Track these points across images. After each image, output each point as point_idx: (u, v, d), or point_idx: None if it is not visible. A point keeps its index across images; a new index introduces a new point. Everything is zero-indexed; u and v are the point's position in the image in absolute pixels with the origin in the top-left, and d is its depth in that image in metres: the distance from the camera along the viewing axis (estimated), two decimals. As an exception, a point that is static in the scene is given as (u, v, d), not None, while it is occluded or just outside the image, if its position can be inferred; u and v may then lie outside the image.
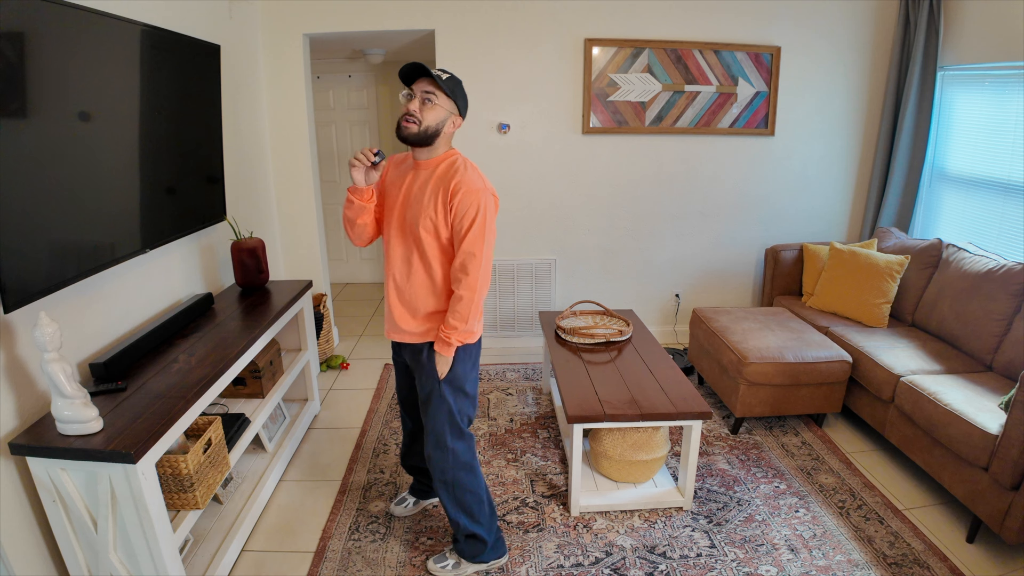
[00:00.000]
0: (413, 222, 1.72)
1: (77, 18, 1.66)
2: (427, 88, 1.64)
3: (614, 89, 3.52)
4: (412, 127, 1.66)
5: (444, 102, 1.67)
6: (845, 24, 3.53)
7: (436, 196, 1.69)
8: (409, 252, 1.76)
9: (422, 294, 1.80)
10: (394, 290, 1.82)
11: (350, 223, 1.81)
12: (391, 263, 1.81)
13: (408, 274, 1.79)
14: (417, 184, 1.73)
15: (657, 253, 3.89)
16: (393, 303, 1.84)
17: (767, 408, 2.78)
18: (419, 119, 1.65)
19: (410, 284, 1.79)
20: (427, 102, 1.65)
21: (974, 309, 2.68)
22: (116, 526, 1.58)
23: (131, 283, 2.14)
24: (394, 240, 1.79)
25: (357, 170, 1.68)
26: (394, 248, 1.79)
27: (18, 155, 1.47)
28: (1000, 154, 3.03)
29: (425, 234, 1.71)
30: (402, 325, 1.84)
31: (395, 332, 1.87)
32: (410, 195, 1.74)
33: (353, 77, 5.02)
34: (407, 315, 1.83)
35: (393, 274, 1.81)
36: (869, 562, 2.04)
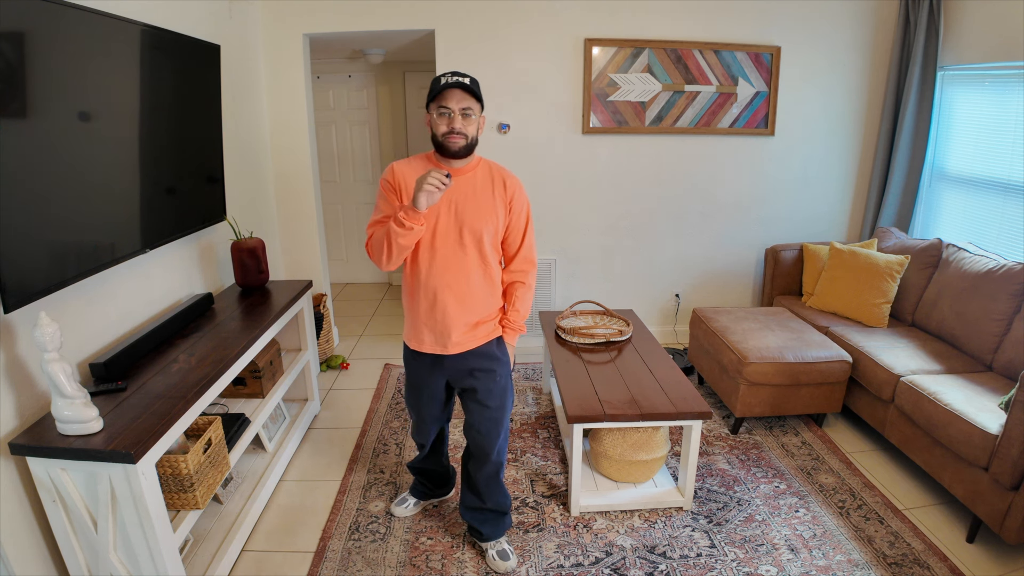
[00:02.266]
0: (475, 228, 1.72)
1: (77, 18, 1.66)
2: (466, 104, 1.66)
3: (614, 89, 3.52)
4: (461, 141, 1.68)
5: (478, 110, 1.70)
6: (845, 24, 3.53)
7: (494, 197, 1.75)
8: (468, 259, 1.75)
9: (484, 297, 1.81)
10: (454, 303, 1.77)
11: (401, 251, 1.68)
12: (441, 275, 1.75)
13: (469, 282, 1.77)
14: (463, 191, 1.73)
15: (657, 253, 3.89)
16: (454, 316, 1.78)
17: (767, 408, 2.78)
18: (465, 133, 1.68)
19: (472, 291, 1.78)
20: (467, 116, 1.67)
21: (974, 309, 2.68)
22: (116, 526, 1.58)
23: (131, 283, 2.14)
24: (445, 251, 1.73)
25: (433, 195, 1.58)
26: (445, 259, 1.74)
27: (18, 155, 1.47)
28: (1000, 154, 3.03)
29: (488, 237, 1.75)
30: (466, 335, 1.82)
31: (455, 345, 1.82)
32: (461, 202, 1.72)
33: (353, 77, 5.02)
34: (472, 322, 1.81)
35: (448, 286, 1.76)
36: (869, 562, 2.04)
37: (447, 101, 1.65)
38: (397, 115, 5.10)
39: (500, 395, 1.92)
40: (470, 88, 1.65)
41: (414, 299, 1.81)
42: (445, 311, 1.78)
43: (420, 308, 1.80)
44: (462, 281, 1.76)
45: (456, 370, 1.88)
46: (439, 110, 1.67)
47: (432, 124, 1.71)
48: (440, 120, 1.68)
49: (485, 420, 1.93)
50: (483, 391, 1.89)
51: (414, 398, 2.02)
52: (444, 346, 1.82)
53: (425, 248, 1.74)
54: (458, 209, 1.72)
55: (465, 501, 2.11)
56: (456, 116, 1.66)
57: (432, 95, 1.68)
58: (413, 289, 1.81)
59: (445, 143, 1.68)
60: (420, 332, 1.84)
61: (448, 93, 1.65)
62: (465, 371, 1.88)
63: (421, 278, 1.77)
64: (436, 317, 1.79)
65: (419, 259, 1.75)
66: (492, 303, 1.85)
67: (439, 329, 1.81)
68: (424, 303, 1.79)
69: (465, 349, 1.83)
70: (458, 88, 1.64)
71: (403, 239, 1.64)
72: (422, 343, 1.85)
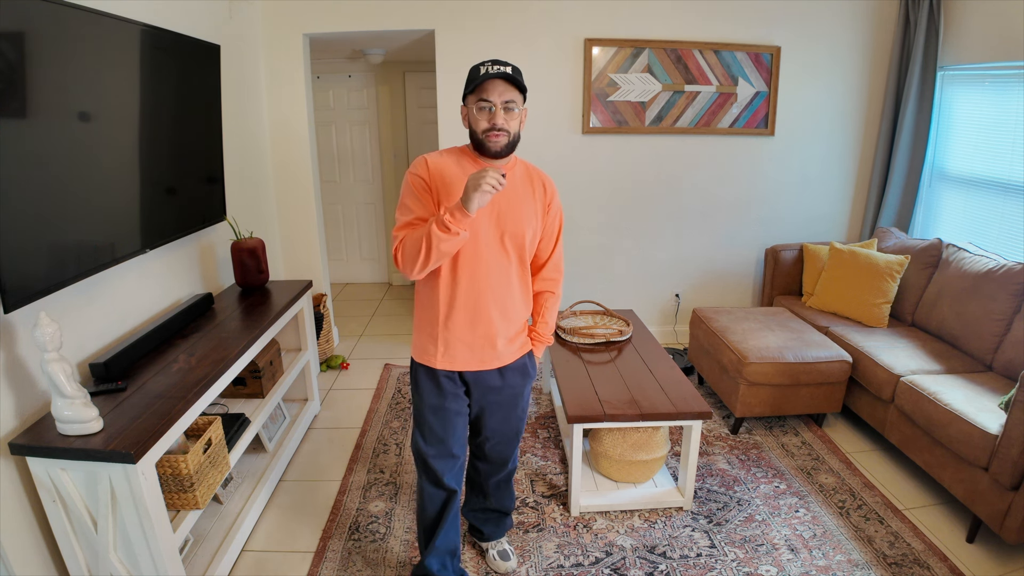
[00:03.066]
0: (517, 232, 1.57)
1: (77, 18, 1.66)
2: (509, 97, 1.48)
3: (614, 89, 3.52)
4: (503, 139, 1.51)
5: (521, 102, 1.52)
6: (845, 24, 3.53)
7: (534, 200, 1.61)
8: (509, 264, 1.60)
9: (522, 307, 1.69)
10: (499, 314, 1.61)
11: (441, 258, 1.46)
12: (485, 284, 1.58)
13: (511, 290, 1.63)
14: (504, 192, 1.56)
15: (657, 253, 3.89)
16: (498, 328, 1.62)
17: (767, 408, 2.78)
18: (508, 130, 1.50)
19: (514, 300, 1.64)
20: (511, 110, 1.49)
21: (974, 309, 2.68)
22: (116, 526, 1.58)
23: (131, 283, 2.14)
24: (489, 257, 1.56)
25: (486, 197, 1.37)
26: (488, 267, 1.57)
27: (18, 155, 1.47)
28: (1000, 154, 3.03)
29: (529, 241, 1.61)
30: (507, 348, 1.67)
31: (495, 359, 1.67)
32: (502, 204, 1.56)
33: (353, 77, 5.02)
34: (512, 335, 1.68)
35: (493, 296, 1.59)
36: (869, 562, 2.04)
37: (488, 93, 1.46)
38: (397, 115, 5.10)
39: (525, 406, 1.85)
40: (514, 78, 1.46)
41: (449, 312, 1.60)
42: (489, 323, 1.61)
43: (456, 322, 1.60)
44: (504, 290, 1.61)
45: (487, 387, 1.71)
46: (479, 103, 1.48)
47: (470, 119, 1.53)
48: (480, 115, 1.49)
49: (508, 432, 1.84)
50: (510, 406, 1.78)
51: (440, 424, 1.72)
52: (483, 361, 1.65)
53: (468, 255, 1.54)
54: (500, 212, 1.55)
55: (469, 502, 2.07)
56: (499, 110, 1.47)
57: (471, 86, 1.49)
58: (449, 301, 1.59)
59: (486, 142, 1.50)
60: (452, 348, 1.62)
61: (489, 84, 1.46)
62: (497, 387, 1.72)
63: (461, 288, 1.57)
64: (478, 331, 1.61)
65: (459, 267, 1.55)
66: (527, 313, 1.74)
67: (480, 343, 1.63)
68: (463, 316, 1.59)
69: (504, 363, 1.69)
70: (501, 78, 1.45)
71: (447, 244, 1.41)
72: (454, 360, 1.64)
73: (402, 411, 3.10)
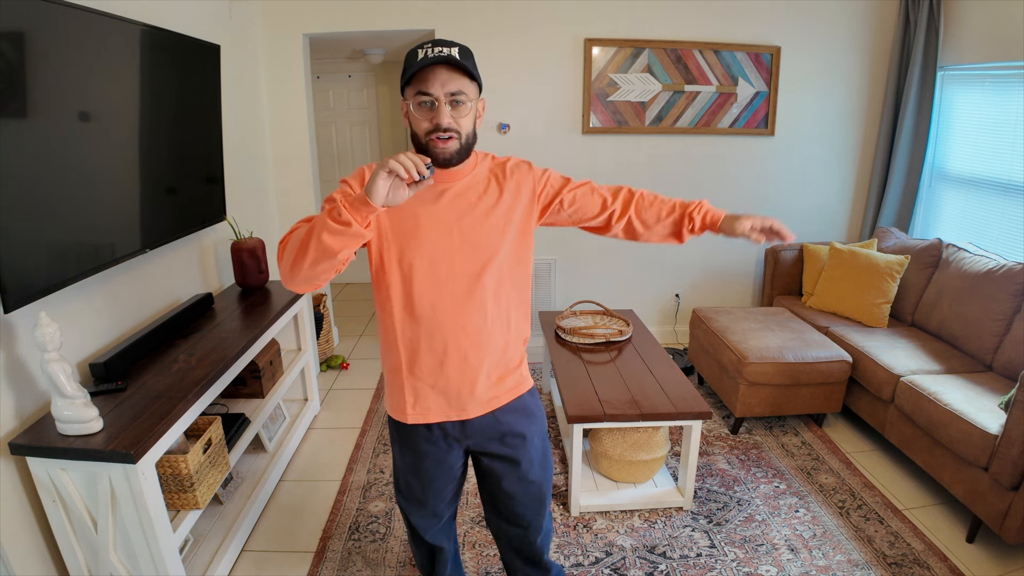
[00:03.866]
0: (488, 247, 1.27)
1: (77, 18, 1.66)
2: (455, 88, 1.16)
3: (614, 89, 3.52)
4: (452, 143, 1.19)
5: (474, 93, 1.20)
6: (845, 24, 3.53)
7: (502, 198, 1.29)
8: (483, 291, 1.28)
9: (503, 333, 1.34)
10: (473, 350, 1.30)
11: (321, 255, 1.10)
12: (452, 317, 1.28)
13: (487, 320, 1.30)
14: (463, 202, 1.27)
15: (657, 253, 3.89)
16: (475, 367, 1.31)
17: (767, 408, 2.78)
18: (458, 130, 1.18)
19: (490, 328, 1.31)
20: (458, 104, 1.17)
21: (974, 309, 2.68)
22: (116, 526, 1.58)
23: (131, 283, 2.14)
24: (454, 285, 1.27)
25: (386, 181, 1.04)
26: (452, 293, 1.27)
27: (18, 155, 1.47)
28: (1000, 154, 3.03)
29: (513, 245, 1.31)
30: (493, 388, 1.35)
31: (479, 404, 1.35)
32: (463, 217, 1.26)
33: (353, 77, 5.02)
34: (498, 371, 1.35)
35: (463, 330, 1.28)
36: (869, 562, 2.04)
37: (428, 84, 1.15)
38: (397, 115, 5.10)
39: (542, 461, 1.47)
40: (460, 63, 1.14)
41: (412, 354, 1.31)
42: (463, 363, 1.30)
43: (422, 366, 1.31)
44: (478, 320, 1.29)
45: (482, 436, 1.39)
46: (417, 98, 1.17)
47: (410, 119, 1.20)
48: (420, 113, 1.18)
49: (529, 499, 1.47)
50: (524, 460, 1.43)
51: (419, 485, 1.45)
52: (463, 408, 1.34)
53: (425, 283, 1.26)
54: (461, 227, 1.26)
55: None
56: (442, 106, 1.15)
57: (406, 75, 1.17)
58: (410, 341, 1.30)
59: (430, 147, 1.19)
60: (423, 398, 1.34)
61: (429, 73, 1.14)
62: (495, 437, 1.40)
63: (423, 324, 1.28)
64: (449, 374, 1.31)
65: (415, 297, 1.27)
66: (515, 345, 1.39)
67: (454, 389, 1.32)
68: (429, 359, 1.30)
69: (493, 407, 1.37)
70: (443, 64, 1.14)
71: (331, 238, 1.07)
72: (427, 412, 1.34)
73: (402, 411, 3.10)
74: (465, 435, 1.39)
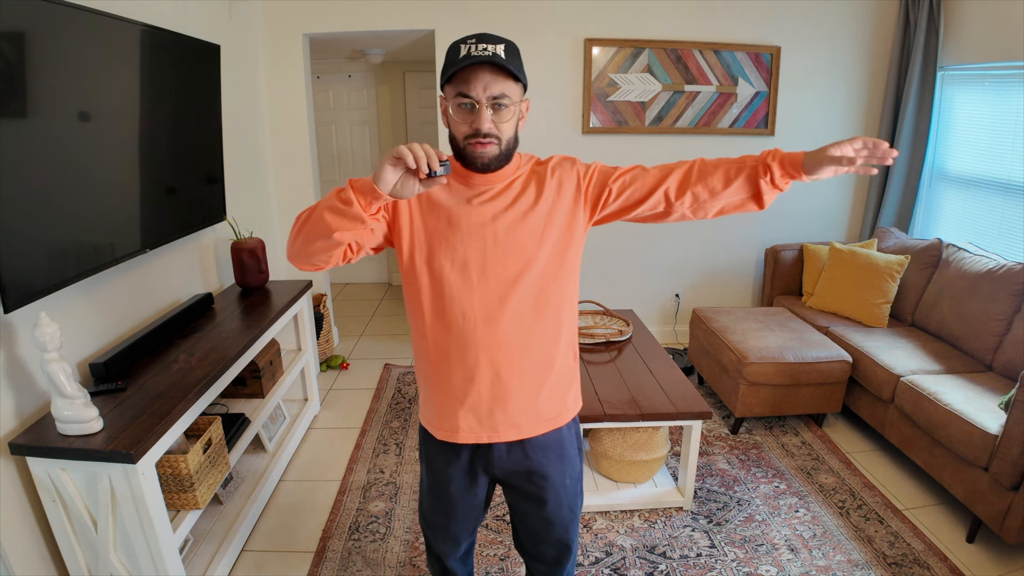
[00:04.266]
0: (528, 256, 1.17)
1: (77, 18, 1.66)
2: (498, 92, 1.07)
3: (614, 89, 3.52)
4: (491, 148, 1.11)
5: (517, 95, 1.12)
6: (845, 24, 3.53)
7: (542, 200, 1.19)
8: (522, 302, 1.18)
9: (544, 350, 1.23)
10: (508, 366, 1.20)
11: (320, 230, 1.04)
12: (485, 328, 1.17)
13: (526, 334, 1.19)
14: (502, 207, 1.18)
15: (657, 253, 3.89)
16: (508, 383, 1.20)
17: (767, 408, 2.78)
18: (499, 135, 1.11)
19: (528, 343, 1.20)
20: (500, 107, 1.09)
21: (974, 309, 2.68)
22: (116, 526, 1.58)
23: (131, 283, 2.14)
24: (485, 290, 1.17)
25: (395, 170, 0.98)
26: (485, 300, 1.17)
27: (18, 155, 1.47)
28: (1000, 154, 3.03)
29: (556, 251, 1.20)
30: (526, 413, 1.24)
31: (508, 428, 1.23)
32: (503, 223, 1.17)
33: (353, 77, 5.02)
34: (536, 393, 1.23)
35: (496, 343, 1.18)
36: (869, 562, 2.04)
37: (469, 86, 1.07)
38: (397, 115, 5.10)
39: (571, 503, 1.35)
40: (505, 66, 1.05)
41: (441, 367, 1.22)
42: (495, 379, 1.20)
43: (452, 379, 1.21)
44: (514, 332, 1.18)
45: (507, 470, 1.29)
46: (457, 100, 1.09)
47: (448, 120, 1.14)
48: (459, 115, 1.10)
49: (553, 539, 1.39)
50: (551, 502, 1.32)
51: (441, 508, 1.37)
52: (494, 430, 1.23)
53: (456, 291, 1.17)
54: (498, 233, 1.17)
55: None
56: (483, 110, 1.07)
57: (447, 73, 1.09)
58: (440, 348, 1.21)
59: (468, 152, 1.12)
60: (452, 414, 1.23)
61: (471, 73, 1.06)
62: (521, 472, 1.29)
63: (453, 335, 1.19)
64: (479, 389, 1.20)
65: (447, 308, 1.18)
66: (562, 364, 1.26)
67: (484, 407, 1.22)
68: (459, 372, 1.20)
69: (524, 436, 1.25)
70: (487, 65, 1.06)
71: (331, 216, 1.01)
72: (456, 431, 1.24)
73: (402, 411, 3.10)
74: (488, 463, 1.29)
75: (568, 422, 1.31)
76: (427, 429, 1.32)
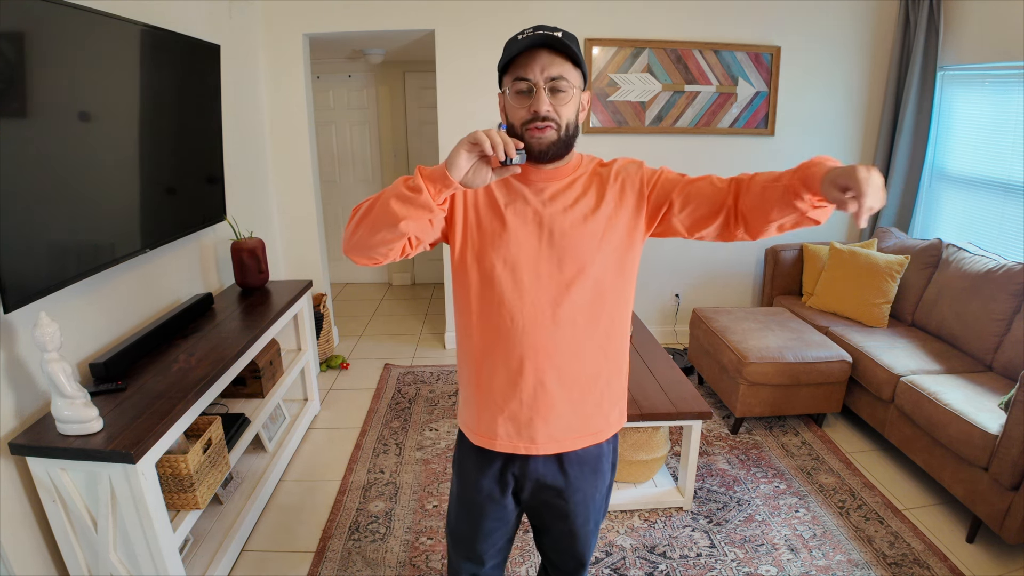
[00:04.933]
0: (583, 259, 1.12)
1: (77, 18, 1.66)
2: (555, 73, 1.04)
3: (614, 89, 3.52)
4: (549, 132, 1.06)
5: (576, 80, 1.08)
6: (845, 24, 3.53)
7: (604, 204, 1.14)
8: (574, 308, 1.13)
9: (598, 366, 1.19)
10: (554, 375, 1.15)
11: (384, 220, 1.00)
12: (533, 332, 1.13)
13: (576, 342, 1.15)
14: (561, 206, 1.12)
15: (657, 253, 3.89)
16: (552, 392, 1.15)
17: (767, 408, 2.78)
18: (557, 119, 1.06)
19: (577, 353, 1.16)
20: (558, 91, 1.05)
21: (974, 309, 2.68)
22: (116, 526, 1.58)
23: (131, 283, 2.14)
24: (538, 291, 1.12)
25: (470, 156, 0.96)
26: (537, 303, 1.12)
27: (18, 155, 1.47)
28: (1000, 154, 3.03)
29: (615, 257, 1.14)
30: (569, 426, 1.19)
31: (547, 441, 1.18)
32: (560, 223, 1.12)
33: (353, 77, 5.02)
34: (580, 406, 1.18)
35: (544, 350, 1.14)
36: (869, 562, 2.04)
37: (525, 69, 1.04)
38: (397, 115, 5.10)
39: (598, 515, 1.33)
40: (564, 45, 1.03)
41: (485, 369, 1.18)
42: (539, 387, 1.15)
43: (494, 383, 1.17)
44: (564, 339, 1.14)
45: (539, 483, 1.23)
46: (515, 84, 1.06)
47: (507, 110, 1.10)
48: (518, 101, 1.06)
49: (573, 551, 1.35)
50: (579, 517, 1.28)
51: (468, 521, 1.31)
52: (532, 440, 1.18)
53: (507, 291, 1.12)
54: (554, 233, 1.11)
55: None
56: (540, 92, 1.04)
57: (503, 61, 1.07)
58: (484, 348, 1.17)
59: (526, 138, 1.07)
60: (491, 420, 1.19)
61: (526, 57, 1.04)
62: (555, 488, 1.24)
63: (501, 338, 1.14)
64: (522, 397, 1.15)
65: (496, 309, 1.13)
66: (609, 378, 1.21)
67: (525, 415, 1.16)
68: (503, 376, 1.16)
69: (563, 449, 1.20)
70: (543, 47, 1.03)
71: (398, 204, 0.98)
72: (494, 437, 1.19)
73: (402, 411, 3.10)
74: (521, 474, 1.23)
75: (609, 438, 1.26)
76: (464, 433, 1.28)
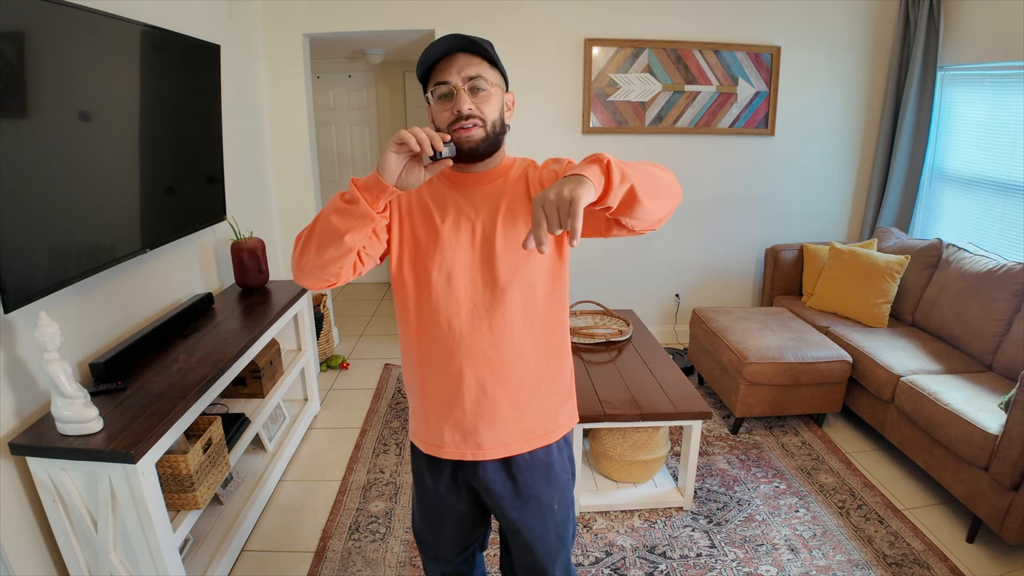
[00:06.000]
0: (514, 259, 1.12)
1: (77, 18, 1.66)
2: (473, 73, 1.06)
3: (614, 89, 3.52)
4: (476, 130, 1.07)
5: (495, 79, 1.09)
6: (845, 24, 3.53)
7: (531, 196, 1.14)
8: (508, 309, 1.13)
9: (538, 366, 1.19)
10: (493, 378, 1.15)
11: (328, 238, 1.01)
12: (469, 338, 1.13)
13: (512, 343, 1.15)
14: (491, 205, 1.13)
15: (657, 253, 3.89)
16: (494, 399, 1.16)
17: (767, 408, 2.78)
18: (482, 116, 1.07)
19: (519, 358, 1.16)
20: (478, 91, 1.06)
21: (974, 309, 2.68)
22: (116, 526, 1.58)
23: (131, 283, 2.14)
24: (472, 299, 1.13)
25: (399, 157, 0.96)
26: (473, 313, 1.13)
27: (18, 155, 1.47)
28: (1000, 154, 3.03)
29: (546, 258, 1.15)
30: (512, 429, 1.18)
31: (493, 445, 1.18)
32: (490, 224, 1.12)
33: (353, 77, 5.02)
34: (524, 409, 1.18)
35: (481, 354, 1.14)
36: (869, 562, 2.04)
37: (444, 72, 1.06)
38: (397, 115, 5.10)
39: (559, 532, 1.28)
40: (478, 47, 1.05)
41: (427, 377, 1.19)
42: (481, 393, 1.15)
43: (436, 392, 1.18)
44: (502, 343, 1.14)
45: (490, 491, 1.22)
46: (436, 89, 1.07)
47: (434, 116, 1.11)
48: (441, 106, 1.07)
49: (537, 567, 1.31)
50: (536, 528, 1.25)
51: (428, 524, 1.35)
52: (478, 446, 1.18)
53: (442, 298, 1.13)
54: (486, 239, 1.12)
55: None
56: (461, 92, 1.05)
57: (423, 72, 1.09)
58: (426, 362, 1.18)
59: (454, 138, 1.06)
60: (437, 428, 1.19)
61: (445, 63, 1.06)
62: (507, 495, 1.22)
63: (439, 345, 1.15)
64: (464, 404, 1.16)
65: (432, 316, 1.14)
66: (552, 378, 1.21)
67: (470, 422, 1.17)
68: (444, 383, 1.16)
69: (510, 453, 1.20)
70: (460, 51, 1.06)
71: (338, 218, 0.98)
72: (441, 445, 1.20)
73: (402, 411, 3.10)
74: (474, 480, 1.23)
75: (558, 440, 1.25)
76: (414, 443, 1.28)
